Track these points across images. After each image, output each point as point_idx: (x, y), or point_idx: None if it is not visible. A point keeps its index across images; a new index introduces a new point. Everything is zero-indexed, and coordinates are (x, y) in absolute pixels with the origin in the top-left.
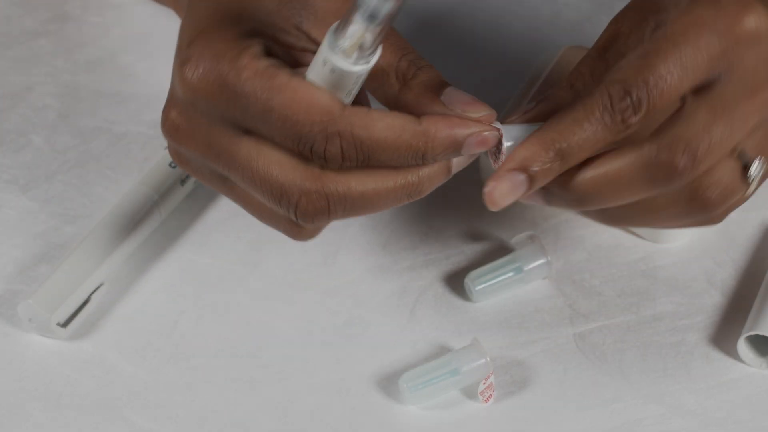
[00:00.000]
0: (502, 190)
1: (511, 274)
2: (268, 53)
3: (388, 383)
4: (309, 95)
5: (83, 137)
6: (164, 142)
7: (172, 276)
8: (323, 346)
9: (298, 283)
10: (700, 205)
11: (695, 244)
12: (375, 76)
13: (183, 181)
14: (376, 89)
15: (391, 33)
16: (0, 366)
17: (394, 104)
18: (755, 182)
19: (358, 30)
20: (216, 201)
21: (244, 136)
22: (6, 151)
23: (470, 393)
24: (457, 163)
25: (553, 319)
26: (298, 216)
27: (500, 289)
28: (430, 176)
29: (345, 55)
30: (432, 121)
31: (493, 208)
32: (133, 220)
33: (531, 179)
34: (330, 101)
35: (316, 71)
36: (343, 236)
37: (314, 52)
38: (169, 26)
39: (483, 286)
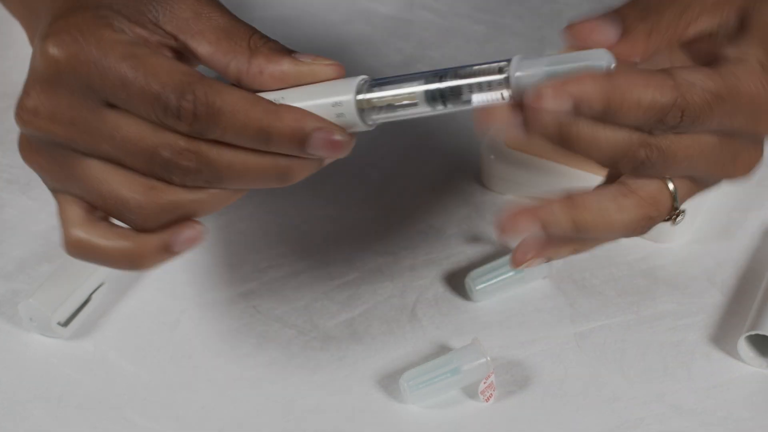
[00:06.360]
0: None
1: (511, 273)
2: None
3: (389, 382)
4: (169, 63)
5: None
6: None
7: (172, 276)
8: (324, 345)
9: (298, 283)
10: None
11: (695, 244)
12: (228, 49)
13: None
14: (228, 63)
15: (235, 20)
16: (0, 365)
17: (246, 73)
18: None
19: (399, 96)
20: None
21: (107, 107)
22: (6, 150)
23: (471, 392)
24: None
25: (553, 319)
26: (171, 169)
27: (501, 289)
28: (300, 161)
29: (360, 105)
30: (285, 106)
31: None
32: None
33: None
34: (189, 69)
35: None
36: (343, 236)
37: (169, 47)
38: None
39: (483, 285)
